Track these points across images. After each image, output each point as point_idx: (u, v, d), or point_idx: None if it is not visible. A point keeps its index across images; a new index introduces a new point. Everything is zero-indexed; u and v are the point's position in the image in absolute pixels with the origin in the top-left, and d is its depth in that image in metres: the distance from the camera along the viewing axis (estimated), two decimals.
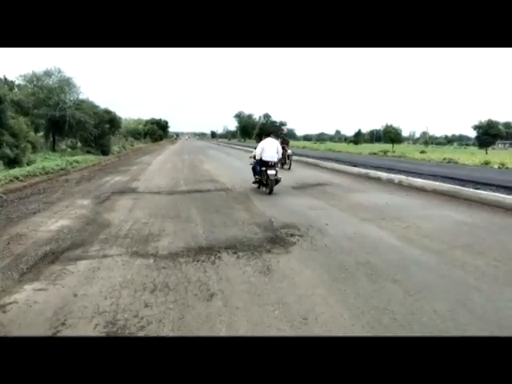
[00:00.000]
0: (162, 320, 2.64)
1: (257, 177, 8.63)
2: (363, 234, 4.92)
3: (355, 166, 14.18)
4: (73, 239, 4.56)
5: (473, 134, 43.20)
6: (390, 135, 45.59)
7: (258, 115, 78.83)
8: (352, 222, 5.66)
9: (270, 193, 8.04)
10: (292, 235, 4.83)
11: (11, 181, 9.26)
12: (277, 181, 8.18)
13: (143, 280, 3.36)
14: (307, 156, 20.82)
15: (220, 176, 11.63)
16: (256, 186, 8.84)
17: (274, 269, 3.65)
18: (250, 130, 76.71)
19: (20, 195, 7.65)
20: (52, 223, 5.33)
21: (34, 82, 20.68)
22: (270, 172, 7.99)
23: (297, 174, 12.92)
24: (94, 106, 23.10)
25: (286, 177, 11.62)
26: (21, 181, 9.54)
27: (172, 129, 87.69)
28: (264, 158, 8.15)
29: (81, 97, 21.77)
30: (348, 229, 5.19)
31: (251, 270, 3.61)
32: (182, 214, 6.01)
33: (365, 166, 14.20)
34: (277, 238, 4.68)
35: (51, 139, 20.77)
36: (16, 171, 10.24)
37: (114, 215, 5.92)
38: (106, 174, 12.39)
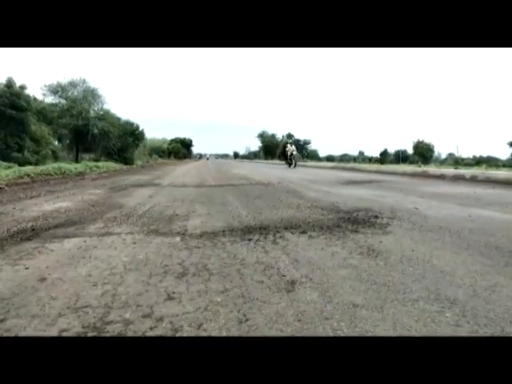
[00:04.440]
0: (203, 324, 1.22)
1: None
2: (480, 215, 3.37)
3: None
4: (68, 217, 3.26)
5: (504, 154, 40.29)
6: (422, 151, 43.44)
7: (280, 135, 77.69)
8: (447, 206, 4.10)
9: None
10: (375, 217, 3.35)
11: (21, 177, 8.22)
12: None
13: (164, 261, 1.97)
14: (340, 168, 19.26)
15: (253, 175, 10.26)
16: None
17: (379, 250, 2.18)
18: (274, 149, 75.61)
19: (24, 187, 6.50)
20: (48, 205, 4.07)
21: (59, 93, 20.31)
22: None
23: (335, 175, 11.39)
24: (117, 118, 22.50)
25: (325, 176, 10.18)
26: (31, 177, 8.50)
27: (195, 149, 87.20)
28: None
29: (105, 107, 21.28)
30: (453, 212, 3.65)
31: (344, 251, 2.15)
32: (216, 200, 4.63)
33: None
34: (356, 219, 3.21)
35: (74, 150, 20.16)
36: (29, 168, 9.24)
37: (128, 199, 4.61)
38: (126, 174, 11.24)
